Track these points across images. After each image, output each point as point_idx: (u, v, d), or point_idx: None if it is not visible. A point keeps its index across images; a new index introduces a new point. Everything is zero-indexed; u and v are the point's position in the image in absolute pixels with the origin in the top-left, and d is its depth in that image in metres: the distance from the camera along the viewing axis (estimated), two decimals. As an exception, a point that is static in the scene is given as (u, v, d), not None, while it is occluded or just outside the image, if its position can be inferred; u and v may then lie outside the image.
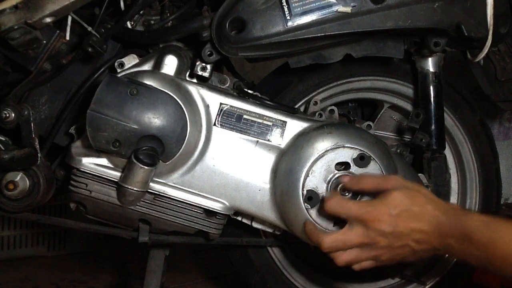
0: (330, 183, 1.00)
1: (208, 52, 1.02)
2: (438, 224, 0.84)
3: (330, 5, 0.98)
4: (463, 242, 0.81)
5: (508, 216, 1.70)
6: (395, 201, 0.87)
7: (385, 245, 0.87)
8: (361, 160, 1.00)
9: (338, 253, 0.91)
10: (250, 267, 1.31)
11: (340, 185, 1.00)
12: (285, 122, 1.06)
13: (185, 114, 0.99)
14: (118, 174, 0.99)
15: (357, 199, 0.98)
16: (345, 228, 0.90)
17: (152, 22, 1.13)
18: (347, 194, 0.99)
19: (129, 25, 1.10)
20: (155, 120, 0.96)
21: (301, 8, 0.98)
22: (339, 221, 0.99)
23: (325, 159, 1.01)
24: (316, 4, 0.98)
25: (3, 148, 1.01)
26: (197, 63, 1.04)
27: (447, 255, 0.86)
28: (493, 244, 0.78)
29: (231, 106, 1.05)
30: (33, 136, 1.04)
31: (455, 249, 0.83)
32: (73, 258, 2.08)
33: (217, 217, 1.06)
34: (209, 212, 1.05)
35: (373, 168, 1.01)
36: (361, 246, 0.89)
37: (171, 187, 1.02)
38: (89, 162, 1.00)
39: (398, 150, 1.25)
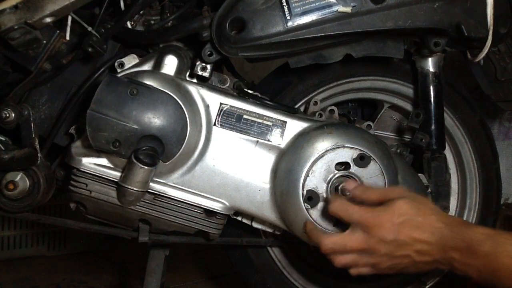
0: (330, 183, 1.00)
1: (208, 52, 1.02)
2: (441, 236, 0.83)
3: (330, 5, 0.98)
4: (466, 255, 0.80)
5: (508, 216, 1.71)
6: (399, 210, 0.86)
7: (385, 252, 0.87)
8: (361, 160, 1.00)
9: (337, 255, 0.91)
10: (250, 267, 1.31)
11: (341, 185, 1.00)
12: (285, 122, 1.06)
13: (185, 114, 0.99)
14: (118, 174, 0.99)
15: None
16: (347, 232, 0.90)
17: (152, 22, 1.13)
18: (348, 194, 0.99)
19: (129, 25, 1.10)
20: (155, 120, 0.96)
21: (301, 8, 0.98)
22: (339, 223, 0.99)
23: (325, 159, 1.01)
24: (316, 4, 0.98)
25: (3, 148, 1.02)
26: (197, 63, 1.04)
27: (447, 269, 0.85)
28: (497, 257, 0.76)
29: (231, 106, 1.05)
30: (33, 136, 1.04)
31: (457, 262, 0.81)
32: (73, 258, 2.08)
33: (217, 217, 1.06)
34: (209, 212, 1.05)
35: (373, 168, 1.01)
36: (360, 251, 0.89)
37: (171, 187, 1.02)
38: (89, 162, 1.00)
39: (398, 150, 1.25)
